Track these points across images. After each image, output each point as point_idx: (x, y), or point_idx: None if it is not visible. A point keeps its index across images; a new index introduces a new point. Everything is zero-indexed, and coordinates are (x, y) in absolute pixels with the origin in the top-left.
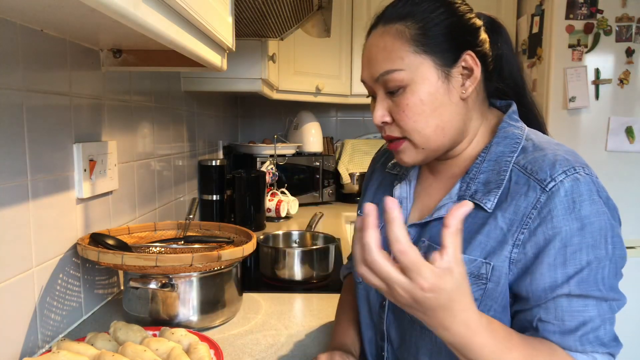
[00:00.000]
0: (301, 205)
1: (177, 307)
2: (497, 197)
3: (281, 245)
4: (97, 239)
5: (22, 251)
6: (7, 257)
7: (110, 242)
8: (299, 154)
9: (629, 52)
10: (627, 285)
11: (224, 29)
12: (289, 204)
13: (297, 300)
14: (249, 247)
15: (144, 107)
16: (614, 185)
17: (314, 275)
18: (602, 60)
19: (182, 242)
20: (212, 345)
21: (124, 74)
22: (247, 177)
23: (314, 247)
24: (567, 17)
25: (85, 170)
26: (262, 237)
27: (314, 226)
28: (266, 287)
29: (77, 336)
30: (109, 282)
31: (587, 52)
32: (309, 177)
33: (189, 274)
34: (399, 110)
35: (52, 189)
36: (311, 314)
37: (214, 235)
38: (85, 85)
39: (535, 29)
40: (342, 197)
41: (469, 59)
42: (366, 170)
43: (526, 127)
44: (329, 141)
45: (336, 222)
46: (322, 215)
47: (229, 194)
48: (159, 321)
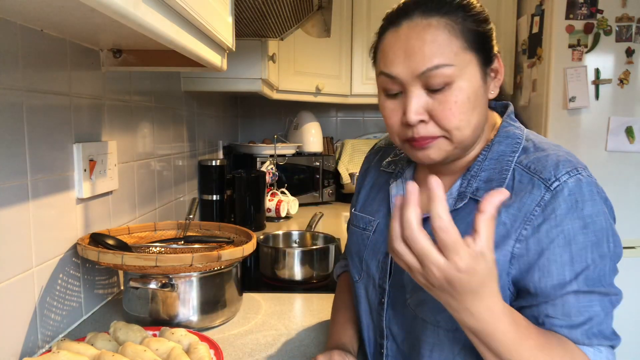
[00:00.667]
0: (301, 205)
1: (177, 307)
2: None
3: (281, 245)
4: (97, 239)
5: (22, 251)
6: (7, 257)
7: (110, 242)
8: (299, 154)
9: (629, 52)
10: (628, 284)
11: (224, 28)
12: (289, 204)
13: (297, 300)
14: (249, 247)
15: (144, 107)
16: (614, 185)
17: (314, 275)
18: (602, 60)
19: (182, 242)
20: (212, 345)
21: (124, 74)
22: (247, 177)
23: (314, 247)
24: (567, 17)
25: (85, 170)
26: (262, 237)
27: (314, 226)
28: (266, 287)
29: (77, 336)
30: (109, 282)
31: (587, 52)
32: (309, 177)
33: (189, 274)
34: (443, 107)
35: (52, 189)
36: (311, 314)
37: (214, 235)
38: (85, 85)
39: (535, 29)
40: (342, 197)
41: (497, 60)
42: None
43: (524, 127)
44: (329, 141)
45: (336, 222)
46: (322, 215)
47: (229, 194)
48: (159, 321)
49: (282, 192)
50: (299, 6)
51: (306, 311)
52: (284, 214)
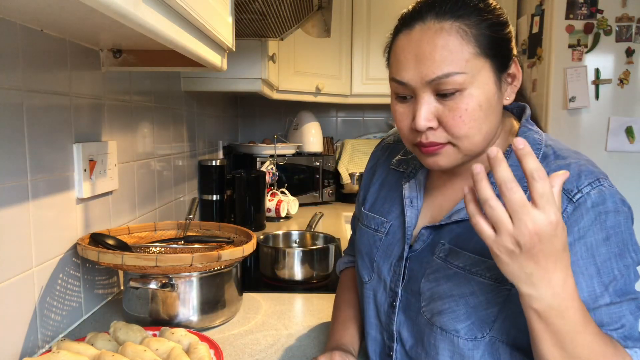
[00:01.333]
0: (301, 205)
1: (177, 307)
2: None
3: (281, 245)
4: (97, 239)
5: (22, 251)
6: (7, 257)
7: (110, 242)
8: (299, 154)
9: (629, 52)
10: None
11: (224, 29)
12: (289, 204)
13: (297, 300)
14: (249, 247)
15: (144, 107)
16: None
17: (314, 275)
18: (602, 60)
19: (182, 242)
20: (212, 345)
21: (124, 74)
22: (247, 177)
23: (314, 247)
24: (567, 17)
25: (85, 170)
26: (262, 237)
27: (314, 226)
28: (266, 287)
29: (77, 336)
30: (109, 282)
31: (587, 52)
32: (309, 177)
33: (189, 274)
34: (453, 115)
35: (52, 189)
36: (311, 314)
37: (214, 235)
38: (85, 85)
39: (535, 29)
40: (342, 197)
41: (514, 65)
42: None
43: (543, 132)
44: (329, 141)
45: (336, 222)
46: (322, 215)
47: (229, 194)
48: (159, 321)
49: (282, 192)
50: (299, 6)
51: (306, 311)
52: (284, 214)
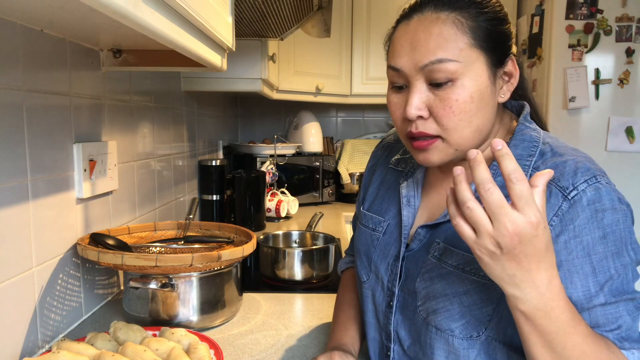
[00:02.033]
0: (301, 205)
1: (177, 307)
2: None
3: (281, 245)
4: (97, 239)
5: (22, 251)
6: (7, 257)
7: (110, 242)
8: (299, 154)
9: (629, 52)
10: None
11: (224, 29)
12: (289, 204)
13: (297, 300)
14: (249, 247)
15: (144, 107)
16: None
17: (314, 275)
18: (602, 60)
19: (182, 242)
20: (212, 345)
21: (124, 74)
22: (247, 177)
23: (314, 247)
24: (567, 17)
25: (85, 170)
26: (262, 237)
27: (314, 226)
28: (266, 287)
29: (77, 336)
30: (109, 282)
31: (587, 52)
32: (309, 177)
33: (189, 274)
34: (443, 105)
35: (52, 189)
36: (311, 314)
37: (214, 235)
38: (85, 85)
39: (535, 29)
40: (342, 197)
41: (511, 63)
42: None
43: (541, 129)
44: (329, 141)
45: (336, 222)
46: (322, 215)
47: (229, 194)
48: (159, 321)
49: (282, 192)
50: (299, 6)
51: (306, 311)
52: (284, 214)
